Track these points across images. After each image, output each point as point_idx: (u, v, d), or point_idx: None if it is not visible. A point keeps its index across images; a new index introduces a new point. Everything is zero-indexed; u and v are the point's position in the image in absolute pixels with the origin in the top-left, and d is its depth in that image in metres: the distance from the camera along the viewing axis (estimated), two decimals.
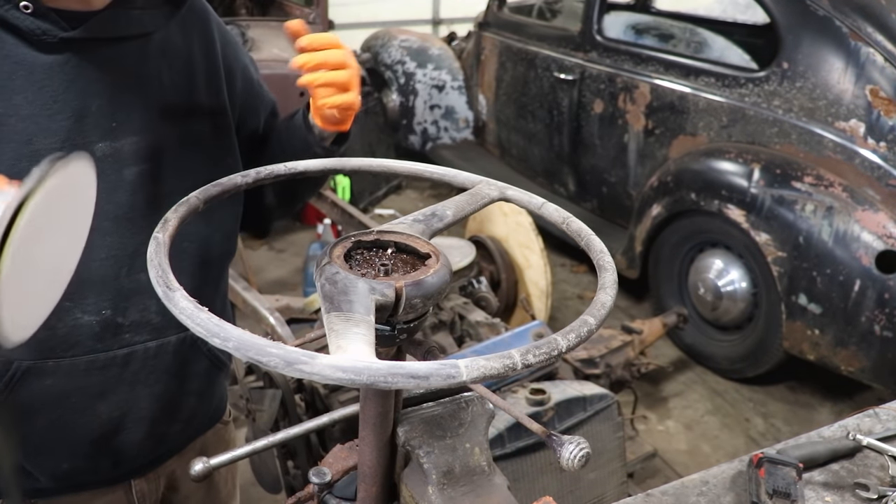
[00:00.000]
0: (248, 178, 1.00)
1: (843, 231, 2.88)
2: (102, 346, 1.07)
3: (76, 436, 1.11)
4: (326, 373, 0.61)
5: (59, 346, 1.04)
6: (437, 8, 8.16)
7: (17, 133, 0.96)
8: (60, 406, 1.07)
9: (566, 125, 4.27)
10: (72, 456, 1.12)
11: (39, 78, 0.97)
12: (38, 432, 1.08)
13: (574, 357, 2.60)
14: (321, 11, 4.06)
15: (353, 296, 0.73)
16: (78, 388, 1.07)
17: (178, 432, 1.25)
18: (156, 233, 0.82)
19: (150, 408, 1.16)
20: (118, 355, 1.09)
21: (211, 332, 0.66)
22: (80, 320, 1.05)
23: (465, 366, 0.63)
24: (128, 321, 1.09)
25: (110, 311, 1.07)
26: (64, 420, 1.08)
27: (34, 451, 1.09)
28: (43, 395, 1.05)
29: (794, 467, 1.24)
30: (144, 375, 1.13)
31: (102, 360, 1.08)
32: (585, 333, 0.72)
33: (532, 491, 1.94)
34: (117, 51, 1.03)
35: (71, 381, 1.06)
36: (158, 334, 1.13)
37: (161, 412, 1.18)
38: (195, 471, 0.94)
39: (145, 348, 1.12)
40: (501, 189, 1.01)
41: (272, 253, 4.49)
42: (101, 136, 1.02)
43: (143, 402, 1.15)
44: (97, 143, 1.01)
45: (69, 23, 0.97)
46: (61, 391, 1.06)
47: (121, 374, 1.10)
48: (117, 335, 1.08)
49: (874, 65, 2.96)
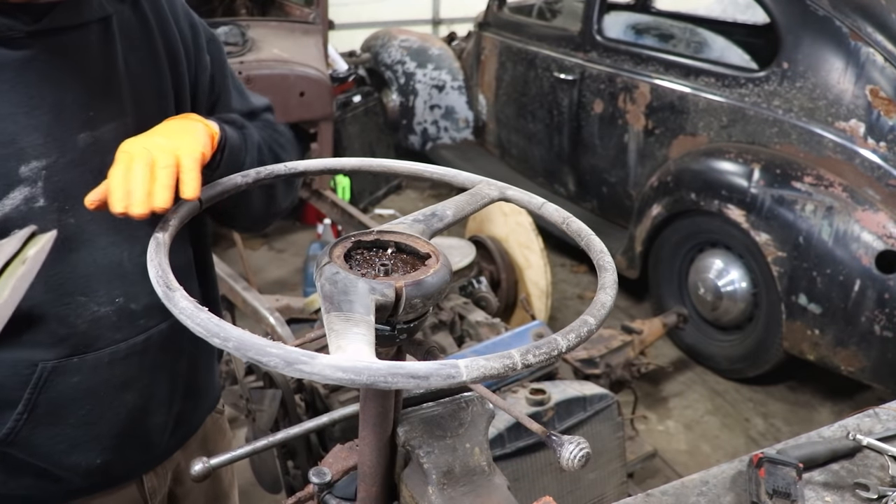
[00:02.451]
0: (249, 178, 1.00)
1: (843, 231, 2.88)
2: (122, 335, 1.08)
3: (107, 429, 1.11)
4: (326, 373, 0.61)
5: (81, 343, 1.05)
6: (437, 8, 8.17)
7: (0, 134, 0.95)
8: (89, 401, 1.08)
9: (566, 125, 4.27)
10: (104, 449, 1.12)
11: (11, 76, 0.95)
12: (70, 430, 1.08)
13: (574, 357, 2.60)
14: (321, 11, 4.05)
15: (353, 296, 0.74)
16: (104, 381, 1.08)
17: (192, 410, 1.27)
18: (156, 233, 0.82)
19: (169, 389, 1.18)
20: (137, 342, 1.10)
21: (211, 332, 0.66)
22: (98, 313, 1.05)
23: (465, 366, 0.63)
24: (140, 306, 1.09)
25: (122, 298, 1.07)
26: (94, 415, 1.09)
27: (68, 448, 1.09)
28: (71, 393, 1.05)
29: (794, 467, 1.24)
30: (162, 359, 1.15)
31: (124, 349, 1.09)
32: (585, 333, 0.72)
33: (532, 491, 1.94)
34: (82, 38, 1.01)
35: (97, 376, 1.07)
36: (168, 314, 1.10)
37: (179, 392, 1.21)
38: (195, 471, 0.94)
39: (160, 331, 1.13)
40: (501, 189, 1.01)
41: (272, 253, 4.49)
42: (81, 127, 1.01)
43: (163, 385, 1.17)
44: (78, 135, 1.01)
45: (31, 16, 0.96)
46: (89, 387, 1.07)
47: (141, 360, 1.12)
48: (133, 322, 1.09)
49: (874, 65, 2.96)
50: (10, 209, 0.95)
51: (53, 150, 0.98)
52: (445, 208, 0.96)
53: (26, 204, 0.96)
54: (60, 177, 0.99)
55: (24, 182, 0.96)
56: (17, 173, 0.95)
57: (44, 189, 0.97)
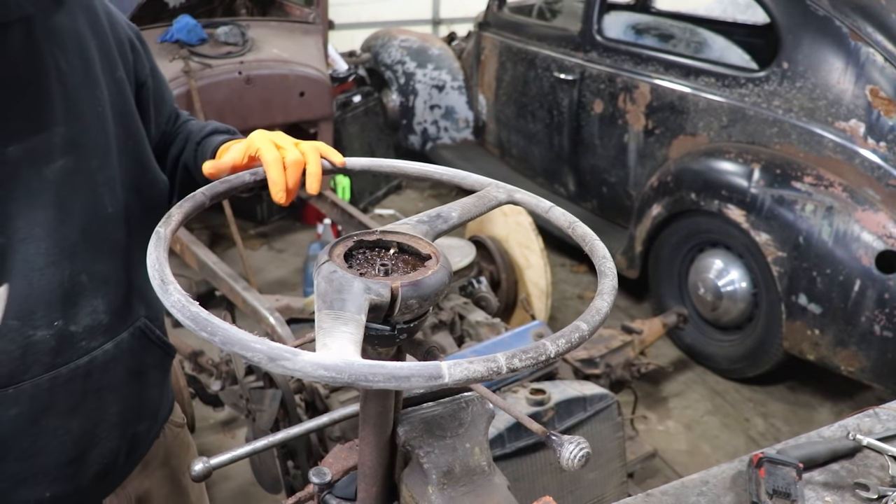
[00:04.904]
0: (258, 175, 1.01)
1: (843, 231, 2.88)
2: (62, 359, 1.01)
3: (53, 459, 1.04)
4: (308, 370, 0.61)
5: (17, 371, 0.98)
6: (437, 8, 8.17)
7: None
8: (32, 433, 1.01)
9: (566, 125, 4.27)
10: (53, 481, 1.05)
11: None
12: (13, 466, 1.01)
13: (574, 357, 2.60)
14: (321, 11, 4.06)
15: (346, 294, 0.74)
16: (46, 410, 1.01)
17: (146, 430, 1.22)
18: (158, 227, 0.82)
19: (119, 411, 1.12)
20: (80, 365, 1.04)
21: (199, 326, 0.66)
22: (33, 337, 0.98)
23: (447, 368, 0.63)
24: (80, 327, 1.03)
25: (62, 320, 1.00)
26: (38, 446, 1.02)
27: (12, 486, 1.02)
28: (11, 427, 0.99)
29: (794, 467, 1.24)
30: (108, 380, 1.09)
31: (65, 374, 1.02)
32: (577, 339, 0.72)
33: (532, 491, 1.94)
34: (4, 39, 0.93)
35: (37, 404, 1.00)
36: (112, 334, 1.09)
37: (130, 413, 1.15)
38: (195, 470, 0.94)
39: (104, 351, 1.07)
40: (510, 192, 1.01)
41: (272, 253, 4.49)
42: (10, 139, 0.93)
43: (111, 406, 1.10)
44: (8, 147, 0.93)
45: None
46: (29, 417, 1.00)
47: (85, 384, 1.05)
48: (74, 344, 1.03)
49: (874, 65, 2.96)
50: None
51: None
52: (451, 210, 0.96)
53: None
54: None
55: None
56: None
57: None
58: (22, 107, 0.95)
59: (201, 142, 1.19)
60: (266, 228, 4.74)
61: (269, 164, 0.99)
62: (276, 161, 0.99)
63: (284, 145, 1.03)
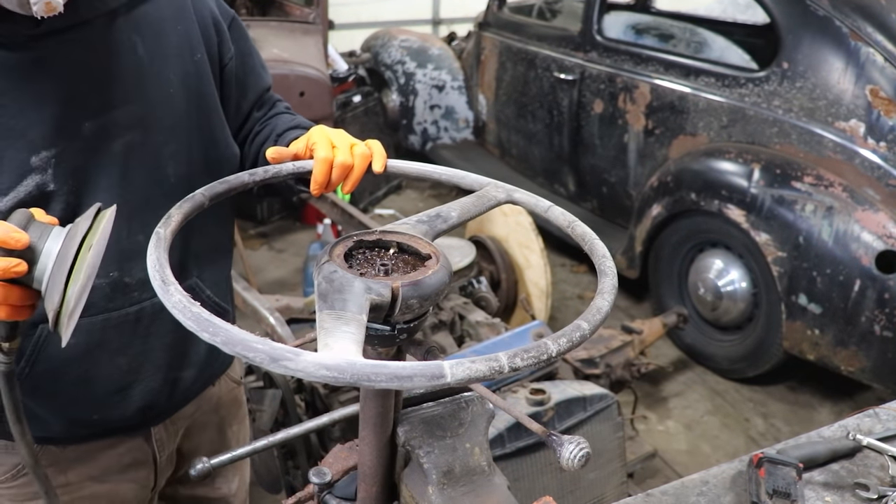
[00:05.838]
0: (256, 176, 1.00)
1: (843, 231, 2.88)
2: (114, 305, 1.14)
3: (101, 388, 1.19)
4: (310, 370, 0.61)
5: None
6: (437, 8, 8.17)
7: (12, 130, 1.01)
8: (84, 362, 1.15)
9: (566, 125, 4.27)
10: (100, 407, 1.20)
11: (17, 76, 1.00)
12: (67, 387, 1.16)
13: (574, 357, 2.60)
14: (321, 11, 4.06)
15: (347, 294, 0.74)
16: (97, 345, 1.15)
17: (192, 377, 1.32)
18: (158, 228, 0.82)
19: (164, 357, 1.24)
20: (129, 312, 1.16)
21: (201, 327, 0.66)
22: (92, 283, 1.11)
23: (450, 367, 0.63)
24: (134, 280, 1.15)
25: (117, 272, 1.13)
26: (89, 374, 1.17)
27: (67, 403, 1.18)
28: (68, 354, 1.11)
29: (794, 467, 1.24)
30: (155, 329, 1.20)
31: (115, 318, 1.15)
32: (578, 339, 0.72)
33: (532, 491, 1.94)
34: (84, 34, 1.05)
35: (91, 339, 1.14)
36: None
37: (174, 360, 1.26)
38: (196, 470, 0.95)
39: (153, 304, 1.17)
40: (509, 192, 1.01)
41: (272, 253, 4.49)
42: (87, 116, 1.06)
43: (157, 352, 1.22)
44: (84, 123, 1.06)
45: (32, 21, 0.97)
46: (83, 349, 1.13)
47: (134, 329, 1.18)
48: (126, 294, 1.15)
49: (874, 65, 2.96)
50: (25, 195, 1.02)
51: (61, 139, 1.04)
52: (450, 210, 0.96)
53: (38, 189, 1.03)
54: (69, 163, 1.05)
55: (35, 171, 1.03)
56: (29, 163, 1.02)
57: (54, 175, 1.04)
58: (98, 89, 1.07)
59: (282, 134, 1.27)
60: (266, 228, 4.74)
61: (317, 161, 1.07)
62: (324, 161, 1.07)
63: (339, 145, 1.09)
